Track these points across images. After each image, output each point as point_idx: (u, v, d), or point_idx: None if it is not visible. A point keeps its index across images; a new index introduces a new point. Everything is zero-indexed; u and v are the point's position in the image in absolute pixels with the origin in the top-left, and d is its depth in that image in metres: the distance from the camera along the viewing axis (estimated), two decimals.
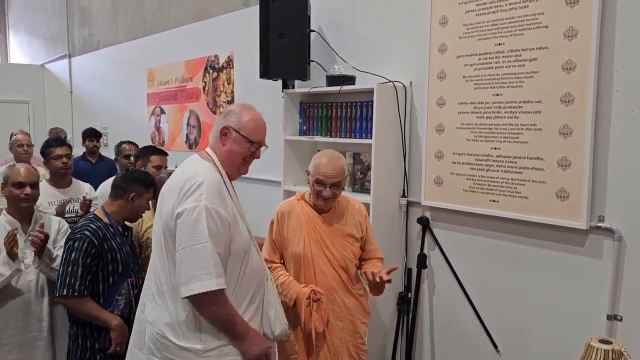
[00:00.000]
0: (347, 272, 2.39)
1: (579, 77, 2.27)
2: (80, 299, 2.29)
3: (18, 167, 2.68)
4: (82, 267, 2.29)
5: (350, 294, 2.40)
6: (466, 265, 2.82)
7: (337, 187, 2.32)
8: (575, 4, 2.27)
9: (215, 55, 4.61)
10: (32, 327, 2.60)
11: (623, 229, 2.23)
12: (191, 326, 1.80)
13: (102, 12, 6.69)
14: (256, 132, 1.93)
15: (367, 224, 2.49)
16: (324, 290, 2.33)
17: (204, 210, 1.74)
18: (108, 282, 2.38)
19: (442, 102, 2.80)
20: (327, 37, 3.46)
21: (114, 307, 2.36)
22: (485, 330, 2.74)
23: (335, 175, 2.29)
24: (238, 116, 1.91)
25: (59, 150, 3.30)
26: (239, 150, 1.91)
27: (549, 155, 2.39)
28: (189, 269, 1.74)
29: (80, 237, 2.33)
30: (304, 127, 3.45)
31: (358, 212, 2.45)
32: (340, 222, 2.40)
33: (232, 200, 1.89)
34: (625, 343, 1.90)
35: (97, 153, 5.15)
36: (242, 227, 1.90)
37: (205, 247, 1.73)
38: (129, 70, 6.07)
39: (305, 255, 2.34)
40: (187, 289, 1.74)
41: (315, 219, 2.37)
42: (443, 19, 2.77)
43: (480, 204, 2.67)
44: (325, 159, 2.33)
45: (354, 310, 2.41)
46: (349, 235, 2.40)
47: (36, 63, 8.74)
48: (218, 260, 1.75)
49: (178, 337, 1.81)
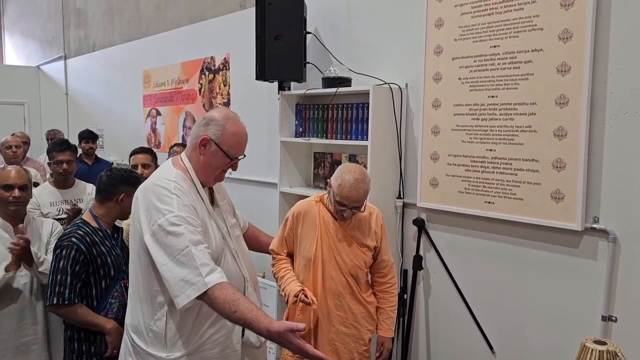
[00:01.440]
0: (356, 279, 2.37)
1: (574, 79, 2.28)
2: (71, 306, 2.27)
3: (9, 169, 2.64)
4: (70, 275, 2.26)
5: (357, 301, 2.38)
6: (462, 267, 2.83)
7: (358, 208, 2.27)
8: (570, 6, 2.28)
9: (211, 57, 4.61)
10: (26, 332, 2.58)
11: (617, 230, 2.24)
12: (157, 333, 1.81)
13: (98, 14, 6.68)
14: (237, 148, 1.87)
15: (383, 234, 2.44)
16: (331, 295, 2.32)
17: (177, 219, 1.70)
18: (100, 285, 2.35)
19: (437, 104, 2.81)
20: (323, 39, 3.47)
21: (107, 311, 2.34)
22: (481, 331, 2.75)
23: (358, 200, 2.23)
24: (221, 129, 1.82)
25: (60, 156, 3.34)
26: (216, 163, 1.86)
27: (544, 157, 2.40)
28: (176, 280, 1.67)
29: (67, 245, 2.29)
30: (300, 128, 3.46)
31: (375, 222, 2.41)
32: (356, 231, 2.37)
33: (203, 209, 1.84)
34: (620, 344, 1.90)
35: (93, 155, 5.16)
36: (214, 237, 1.84)
37: (186, 253, 1.67)
38: (125, 72, 6.07)
39: (316, 259, 2.31)
40: (182, 298, 1.67)
41: (331, 224, 2.34)
42: (439, 21, 2.78)
43: (475, 205, 2.68)
44: (351, 180, 2.20)
45: (359, 317, 2.39)
46: (363, 245, 2.37)
47: (32, 65, 8.71)
48: (203, 259, 1.68)
49: (145, 343, 1.83)
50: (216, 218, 1.89)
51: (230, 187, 2.28)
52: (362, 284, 2.40)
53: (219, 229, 1.89)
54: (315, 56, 3.47)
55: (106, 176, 2.45)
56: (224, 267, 1.83)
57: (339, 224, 2.35)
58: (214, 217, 1.88)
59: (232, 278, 1.85)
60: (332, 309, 2.33)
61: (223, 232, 1.90)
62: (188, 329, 1.81)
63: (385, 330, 2.46)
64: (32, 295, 2.59)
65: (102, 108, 6.68)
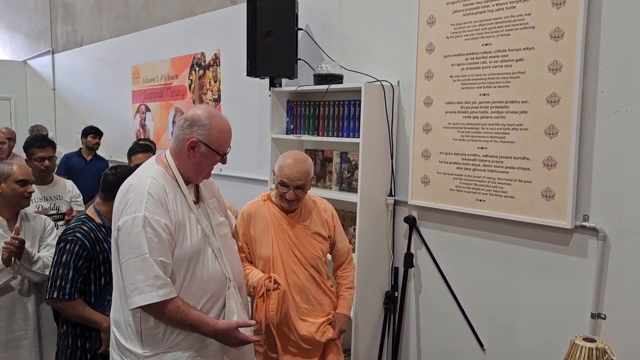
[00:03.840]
0: (318, 270, 2.37)
1: (565, 77, 2.29)
2: (70, 301, 2.26)
3: (22, 164, 2.67)
4: (73, 269, 2.26)
5: (322, 292, 2.39)
6: (452, 264, 2.84)
7: (300, 189, 2.27)
8: (562, 5, 2.29)
9: (201, 52, 4.57)
10: (17, 327, 2.56)
11: (607, 228, 2.25)
12: (134, 330, 1.81)
13: (86, 8, 6.61)
14: (226, 144, 1.88)
15: (335, 223, 2.45)
16: (296, 289, 2.31)
17: (141, 221, 1.71)
18: (100, 282, 2.35)
19: (429, 101, 2.81)
20: (315, 36, 3.46)
21: (105, 308, 2.33)
22: (471, 328, 2.76)
23: (299, 178, 2.25)
24: (207, 128, 1.82)
25: (41, 152, 3.27)
26: (207, 162, 1.87)
27: (535, 155, 2.41)
28: (131, 281, 1.72)
29: (72, 240, 2.29)
30: (291, 125, 3.44)
31: (324, 211, 2.43)
32: (307, 221, 2.37)
33: (183, 206, 1.83)
34: (609, 341, 1.92)
35: (95, 151, 5.16)
36: (191, 235, 1.82)
37: (145, 258, 1.70)
38: (114, 67, 6.00)
39: (274, 256, 2.30)
40: (131, 301, 1.73)
41: (282, 219, 2.34)
42: (431, 19, 2.78)
43: (466, 203, 2.68)
44: (290, 160, 2.28)
45: (326, 307, 2.41)
46: (316, 234, 2.37)
47: (18, 59, 8.59)
48: (159, 272, 1.71)
49: (125, 338, 1.84)
50: (198, 215, 1.88)
51: (220, 184, 2.26)
52: (323, 274, 2.41)
53: (201, 226, 1.87)
54: (307, 53, 3.46)
55: (112, 175, 2.44)
56: (202, 265, 1.84)
57: (290, 217, 2.34)
58: (196, 213, 1.87)
59: (211, 278, 1.85)
60: (299, 303, 2.32)
61: (206, 230, 1.88)
62: (163, 327, 1.80)
63: (341, 307, 2.44)
64: (23, 290, 2.57)
65: (90, 104, 6.61)
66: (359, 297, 2.89)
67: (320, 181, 3.36)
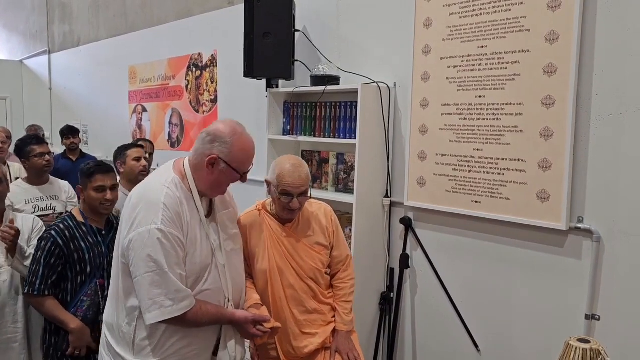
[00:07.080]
0: (317, 282, 2.25)
1: (560, 80, 2.30)
2: (40, 298, 2.28)
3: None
4: (43, 266, 2.28)
5: (321, 303, 2.28)
6: (448, 266, 2.85)
7: (304, 195, 2.13)
8: (557, 8, 2.30)
9: (198, 53, 4.57)
10: (6, 329, 2.55)
11: (602, 230, 2.27)
12: (127, 336, 1.80)
13: (83, 8, 6.59)
14: (248, 163, 1.83)
15: (335, 227, 2.30)
16: (294, 303, 2.21)
17: (157, 234, 1.67)
18: (76, 281, 2.35)
19: (425, 103, 2.82)
20: (312, 37, 3.46)
21: (77, 308, 2.33)
22: (467, 329, 2.77)
23: (302, 184, 2.10)
24: (229, 146, 1.75)
25: (40, 149, 3.25)
26: (226, 180, 1.82)
27: (530, 157, 2.42)
28: (148, 296, 1.68)
29: (46, 237, 2.33)
30: (288, 126, 3.45)
31: (323, 216, 2.28)
32: (306, 231, 2.24)
33: (194, 221, 1.78)
34: (603, 342, 1.93)
35: (77, 150, 5.11)
36: (201, 251, 1.80)
37: (164, 273, 1.67)
38: (110, 67, 6.00)
39: (272, 270, 2.17)
40: (150, 316, 1.69)
41: (279, 230, 2.20)
42: (427, 21, 2.79)
43: (462, 204, 2.69)
44: (288, 166, 2.11)
45: (327, 314, 2.30)
46: (316, 244, 2.24)
47: (14, 59, 8.57)
48: (180, 285, 1.70)
49: (116, 342, 1.83)
50: (208, 230, 1.84)
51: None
52: (323, 286, 2.29)
53: (210, 242, 1.83)
54: (304, 54, 3.46)
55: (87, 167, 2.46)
56: (205, 281, 1.82)
57: (287, 227, 2.21)
58: (206, 228, 1.82)
59: (211, 295, 1.84)
60: (298, 316, 2.22)
61: (214, 245, 1.84)
62: (157, 338, 1.78)
63: (338, 323, 2.29)
64: (12, 292, 2.56)
65: (86, 104, 6.60)
66: (355, 298, 2.89)
67: (317, 182, 3.37)
